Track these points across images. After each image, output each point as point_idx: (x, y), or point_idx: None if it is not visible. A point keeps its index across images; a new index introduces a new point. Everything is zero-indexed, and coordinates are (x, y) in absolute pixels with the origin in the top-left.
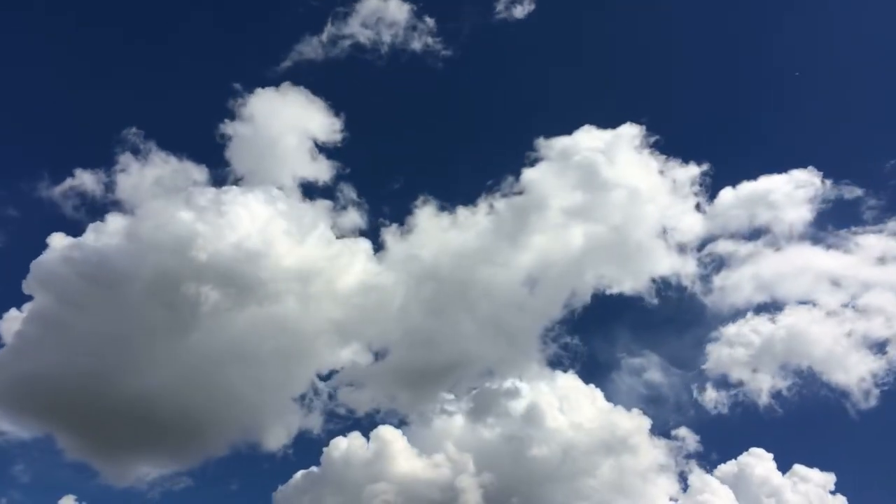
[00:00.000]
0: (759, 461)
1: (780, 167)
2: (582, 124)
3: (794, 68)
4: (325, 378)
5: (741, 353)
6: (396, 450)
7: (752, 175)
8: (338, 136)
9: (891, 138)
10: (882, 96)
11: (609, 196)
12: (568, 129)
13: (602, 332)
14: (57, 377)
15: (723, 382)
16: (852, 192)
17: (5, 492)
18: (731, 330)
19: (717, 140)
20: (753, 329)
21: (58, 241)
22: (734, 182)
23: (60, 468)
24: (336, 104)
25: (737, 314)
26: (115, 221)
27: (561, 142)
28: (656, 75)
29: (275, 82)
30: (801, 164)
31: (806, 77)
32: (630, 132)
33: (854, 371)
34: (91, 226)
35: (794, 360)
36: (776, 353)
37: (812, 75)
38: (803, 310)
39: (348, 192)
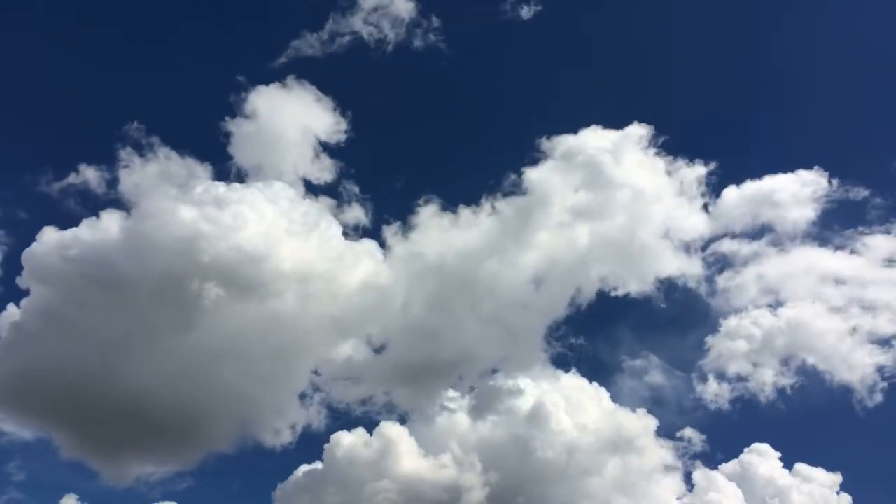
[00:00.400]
0: (764, 457)
1: (786, 167)
2: (587, 124)
3: (802, 69)
4: (328, 375)
5: (745, 349)
6: (399, 446)
7: (758, 175)
8: (342, 134)
9: None
10: (889, 97)
11: (614, 196)
12: (573, 129)
13: (607, 332)
14: (53, 373)
15: (727, 378)
16: (859, 192)
17: (5, 490)
18: (733, 324)
19: (723, 141)
20: (757, 323)
21: (52, 235)
22: (740, 183)
23: (61, 468)
24: (341, 102)
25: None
26: (116, 217)
27: (566, 141)
28: (664, 76)
29: (278, 79)
30: (808, 165)
31: (813, 78)
32: (636, 132)
33: (859, 367)
34: (90, 221)
35: (798, 355)
36: (781, 349)
37: (820, 76)
38: (809, 307)
39: (352, 190)
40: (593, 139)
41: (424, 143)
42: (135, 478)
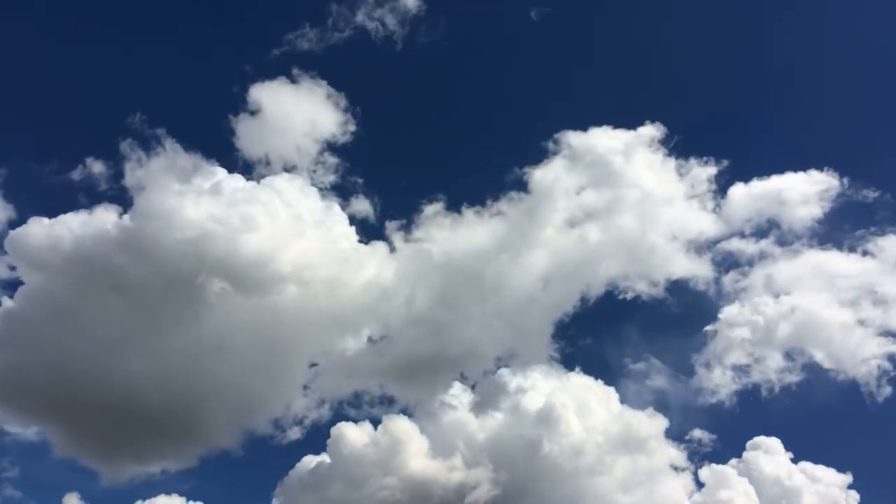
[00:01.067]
0: (772, 453)
1: (798, 167)
2: (596, 124)
3: (814, 69)
4: (332, 369)
5: (748, 347)
6: (403, 438)
7: (770, 176)
8: (347, 132)
9: None
10: None
11: (623, 195)
12: (582, 129)
13: (615, 332)
14: (49, 368)
15: (734, 376)
16: (869, 193)
17: (3, 489)
18: (735, 312)
19: (733, 142)
20: (762, 316)
21: (48, 227)
22: (751, 184)
23: (62, 466)
24: (347, 99)
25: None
26: (116, 211)
27: (575, 141)
28: (675, 76)
29: (284, 74)
30: (819, 165)
31: (825, 78)
32: (646, 132)
33: (866, 361)
34: (91, 216)
35: (806, 351)
36: (788, 345)
37: (833, 76)
38: (816, 299)
39: (357, 187)
40: (602, 139)
41: (431, 142)
42: (134, 475)
